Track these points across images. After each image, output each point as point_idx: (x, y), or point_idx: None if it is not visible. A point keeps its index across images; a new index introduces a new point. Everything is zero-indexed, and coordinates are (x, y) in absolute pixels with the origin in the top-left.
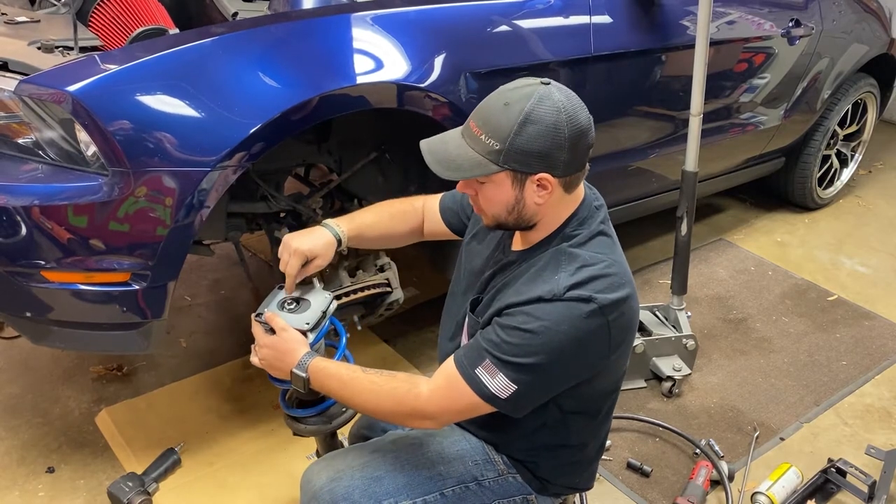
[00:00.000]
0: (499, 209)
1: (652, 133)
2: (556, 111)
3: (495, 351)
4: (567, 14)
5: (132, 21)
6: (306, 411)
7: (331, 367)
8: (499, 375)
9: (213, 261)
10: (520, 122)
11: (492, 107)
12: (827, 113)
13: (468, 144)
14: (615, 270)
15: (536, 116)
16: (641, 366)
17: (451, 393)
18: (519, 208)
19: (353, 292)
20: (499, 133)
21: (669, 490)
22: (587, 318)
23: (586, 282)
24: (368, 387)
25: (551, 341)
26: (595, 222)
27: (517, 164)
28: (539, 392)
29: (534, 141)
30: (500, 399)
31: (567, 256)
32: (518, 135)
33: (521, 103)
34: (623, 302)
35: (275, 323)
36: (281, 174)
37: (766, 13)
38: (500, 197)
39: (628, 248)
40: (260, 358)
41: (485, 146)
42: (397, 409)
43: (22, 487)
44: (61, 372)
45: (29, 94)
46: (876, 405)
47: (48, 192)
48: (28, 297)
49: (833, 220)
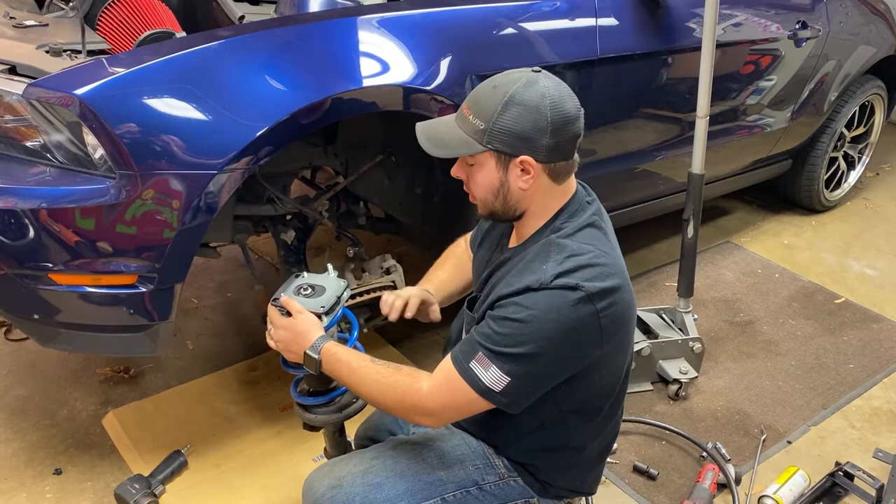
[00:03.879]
0: (486, 193)
1: (658, 135)
2: (541, 96)
3: (487, 343)
4: (573, 16)
5: (140, 24)
6: (317, 399)
7: (342, 353)
8: (492, 368)
9: (220, 263)
10: (504, 102)
11: (482, 89)
12: (834, 115)
13: (458, 125)
14: (604, 261)
15: (520, 98)
16: (648, 369)
17: (448, 388)
18: (504, 192)
19: (360, 294)
20: (484, 113)
21: (676, 493)
22: (575, 306)
23: (573, 270)
24: (374, 377)
25: (540, 330)
26: (585, 215)
27: (500, 144)
28: (532, 384)
29: (516, 122)
30: (495, 393)
31: (556, 247)
32: (501, 115)
33: (509, 86)
34: (612, 291)
35: (291, 306)
36: (287, 177)
37: (772, 15)
38: (487, 180)
39: (634, 251)
40: (276, 340)
41: (471, 126)
42: (399, 402)
43: (29, 489)
44: (69, 374)
45: (37, 97)
46: (884, 408)
47: (56, 195)
48: (36, 299)
49: (840, 223)
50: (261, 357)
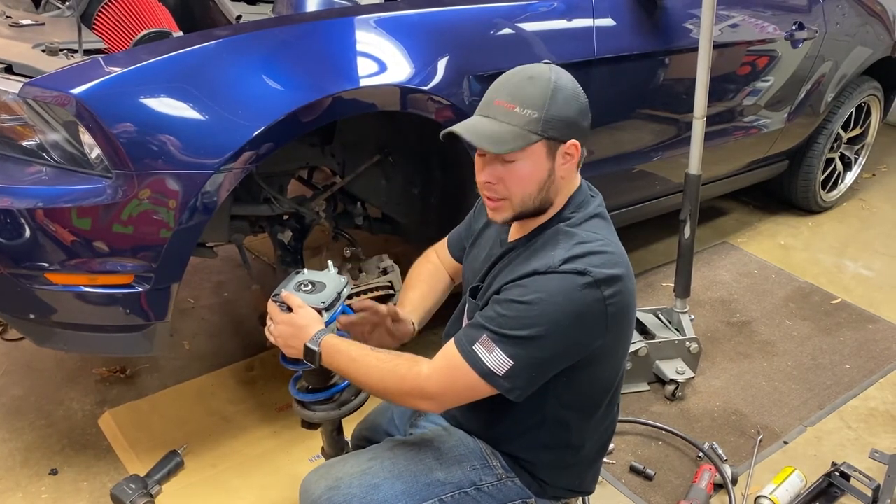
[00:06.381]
0: (530, 186)
1: (655, 136)
2: (573, 81)
3: (492, 325)
4: (570, 17)
5: (136, 24)
6: (316, 396)
7: (342, 345)
8: (496, 350)
9: (217, 263)
10: (552, 89)
11: (517, 83)
12: (830, 116)
13: (501, 121)
14: (611, 249)
15: (562, 84)
16: (644, 369)
17: (450, 372)
18: (549, 182)
19: (357, 295)
20: (534, 102)
21: (672, 493)
22: (582, 291)
23: (582, 256)
24: (374, 363)
25: (546, 313)
26: (592, 206)
27: (555, 130)
28: (535, 369)
29: (567, 107)
30: (498, 376)
31: (564, 234)
32: (553, 101)
33: (546, 75)
34: (618, 280)
35: (291, 301)
36: (284, 177)
37: (769, 16)
38: (534, 171)
39: (631, 251)
40: (276, 335)
41: (521, 118)
42: (399, 387)
43: (25, 489)
44: (65, 374)
45: (33, 96)
46: (880, 409)
47: (52, 195)
48: (32, 299)
49: (837, 224)
50: (258, 357)
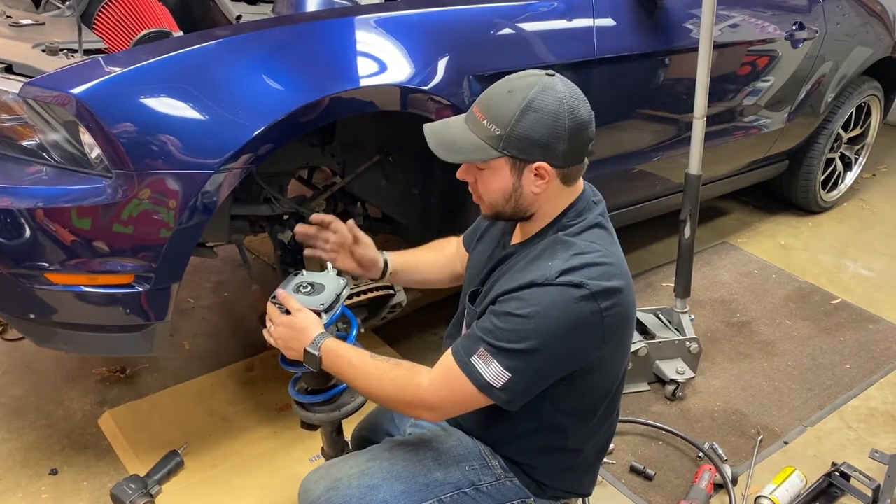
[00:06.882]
0: (496, 196)
1: (655, 136)
2: (559, 102)
3: (489, 338)
4: (570, 17)
5: (136, 24)
6: (315, 397)
7: (342, 349)
8: (493, 363)
9: (217, 263)
10: (522, 108)
11: (496, 93)
12: (831, 116)
13: (470, 129)
14: (610, 261)
15: (538, 105)
16: (644, 369)
17: (449, 383)
18: (516, 196)
19: (357, 295)
20: (500, 119)
21: (672, 493)
22: (578, 304)
23: (579, 268)
24: (374, 372)
25: (543, 326)
26: (592, 214)
27: (517, 150)
28: (532, 381)
29: (534, 128)
30: (495, 389)
31: (563, 245)
32: (519, 121)
33: (525, 91)
34: (616, 292)
35: (290, 304)
36: (284, 177)
37: (769, 16)
38: (499, 184)
39: (631, 252)
40: (275, 337)
41: (486, 131)
42: (399, 396)
43: (25, 489)
44: (65, 374)
45: (33, 96)
46: (880, 409)
47: (52, 195)
48: (32, 299)
49: (837, 224)
50: (258, 357)
